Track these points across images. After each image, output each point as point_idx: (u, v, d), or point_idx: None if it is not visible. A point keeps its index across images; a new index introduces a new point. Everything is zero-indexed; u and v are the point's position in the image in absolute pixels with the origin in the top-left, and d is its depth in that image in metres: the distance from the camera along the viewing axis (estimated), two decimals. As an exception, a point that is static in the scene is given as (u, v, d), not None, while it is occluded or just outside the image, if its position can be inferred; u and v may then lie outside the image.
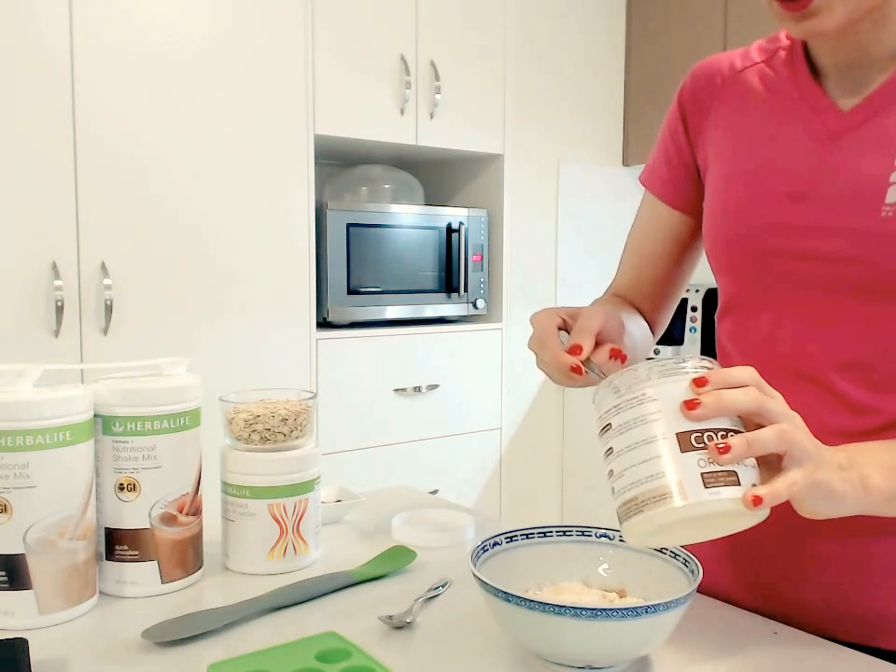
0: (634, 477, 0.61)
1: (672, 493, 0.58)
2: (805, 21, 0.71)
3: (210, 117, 2.10)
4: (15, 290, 1.88)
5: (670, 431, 0.60)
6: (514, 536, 0.80)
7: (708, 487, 0.58)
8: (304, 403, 0.96)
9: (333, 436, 2.36)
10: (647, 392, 0.61)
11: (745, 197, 0.82)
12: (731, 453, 0.58)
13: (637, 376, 0.62)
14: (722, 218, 0.84)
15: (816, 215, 0.76)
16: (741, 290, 0.85)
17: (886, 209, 0.72)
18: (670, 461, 0.59)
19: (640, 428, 0.61)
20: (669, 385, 0.61)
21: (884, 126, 0.74)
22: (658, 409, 0.60)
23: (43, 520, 0.77)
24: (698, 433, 0.59)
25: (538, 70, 3.02)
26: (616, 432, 0.62)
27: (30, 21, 1.85)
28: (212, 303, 2.14)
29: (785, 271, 0.79)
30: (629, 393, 0.62)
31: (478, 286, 2.67)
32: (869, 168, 0.74)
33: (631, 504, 0.61)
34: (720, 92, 0.88)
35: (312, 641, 0.73)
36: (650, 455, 0.60)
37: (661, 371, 0.61)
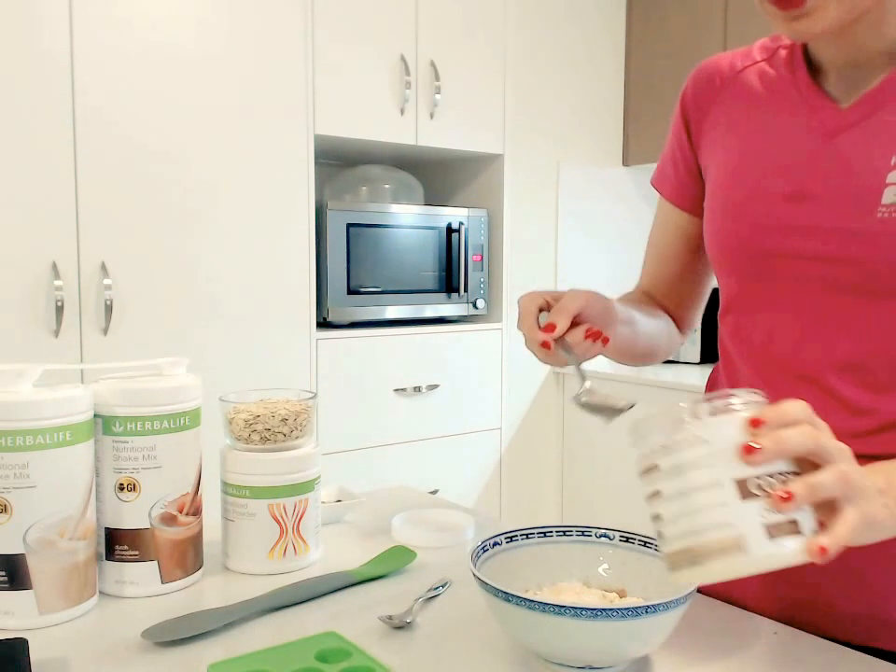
0: (689, 526, 0.58)
1: (736, 547, 0.56)
2: (797, 22, 0.70)
3: (210, 116, 2.10)
4: (15, 290, 1.88)
5: (727, 477, 0.57)
6: (514, 536, 0.80)
7: (773, 539, 0.56)
8: (304, 403, 0.96)
9: (333, 436, 2.36)
10: (700, 434, 0.58)
11: (743, 196, 0.82)
12: (794, 502, 0.56)
13: (684, 414, 0.59)
14: (721, 218, 0.85)
15: (813, 215, 0.77)
16: (741, 290, 0.85)
17: (882, 210, 0.72)
18: (731, 511, 0.56)
19: (694, 473, 0.58)
20: (722, 426, 0.58)
21: (882, 124, 0.74)
22: (712, 452, 0.57)
23: (43, 520, 0.77)
24: (757, 479, 0.56)
25: (538, 70, 3.02)
26: (665, 475, 0.59)
27: (30, 22, 1.85)
28: (212, 303, 2.14)
29: (783, 271, 0.79)
30: (678, 433, 0.59)
31: (478, 286, 2.67)
32: (866, 168, 0.74)
33: (687, 553, 0.58)
34: (719, 92, 0.88)
35: (312, 641, 0.73)
36: (707, 503, 0.57)
37: (710, 409, 0.58)
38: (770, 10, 0.71)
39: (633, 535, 0.79)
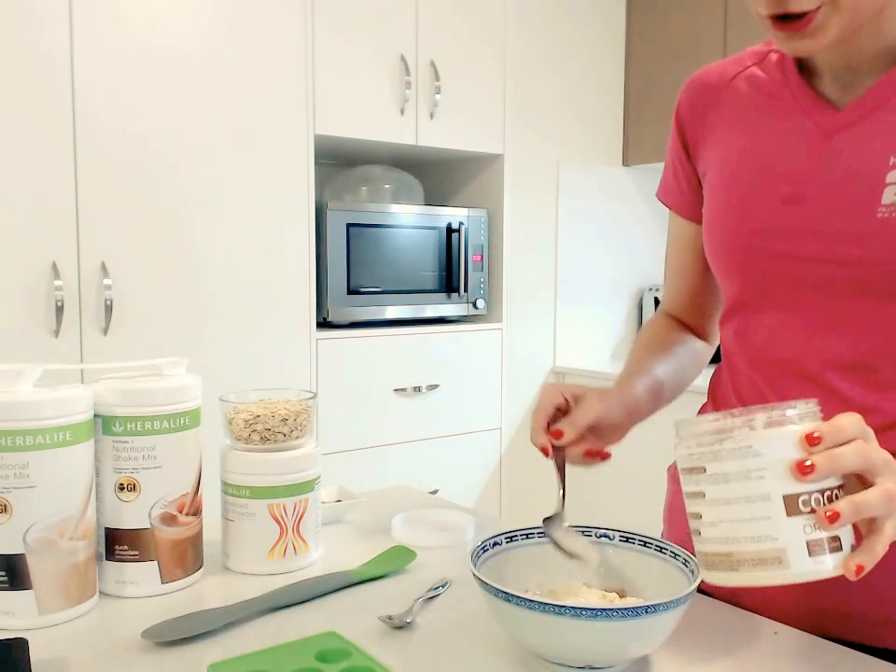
0: (732, 533, 0.59)
1: (776, 560, 0.57)
2: (798, 42, 0.71)
3: (210, 116, 2.10)
4: (15, 290, 1.88)
5: (776, 492, 0.57)
6: (514, 536, 0.80)
7: (813, 556, 0.57)
8: (304, 403, 0.96)
9: (333, 436, 2.36)
10: (752, 444, 0.58)
11: (741, 201, 0.82)
12: (840, 521, 0.57)
13: (742, 422, 0.59)
14: (720, 223, 0.85)
15: (812, 217, 0.77)
16: (741, 294, 0.85)
17: (882, 210, 0.72)
18: (775, 525, 0.57)
19: (742, 484, 0.58)
20: (777, 440, 0.58)
21: (879, 124, 0.74)
22: (764, 465, 0.58)
23: (43, 520, 0.77)
24: (805, 496, 0.57)
25: (538, 70, 3.02)
26: (712, 479, 0.60)
27: (30, 22, 1.85)
28: (212, 303, 2.14)
29: (783, 273, 0.79)
30: (732, 441, 0.59)
31: (478, 286, 2.67)
32: (864, 167, 0.74)
33: (724, 559, 0.59)
34: (713, 101, 0.89)
35: (312, 641, 0.73)
36: (752, 514, 0.58)
37: (767, 420, 0.58)
38: (771, 27, 0.72)
39: (633, 535, 0.79)
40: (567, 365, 3.10)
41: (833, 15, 0.69)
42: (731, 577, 0.59)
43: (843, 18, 0.69)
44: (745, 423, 0.59)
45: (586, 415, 0.79)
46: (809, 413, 0.60)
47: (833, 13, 0.69)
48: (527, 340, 3.06)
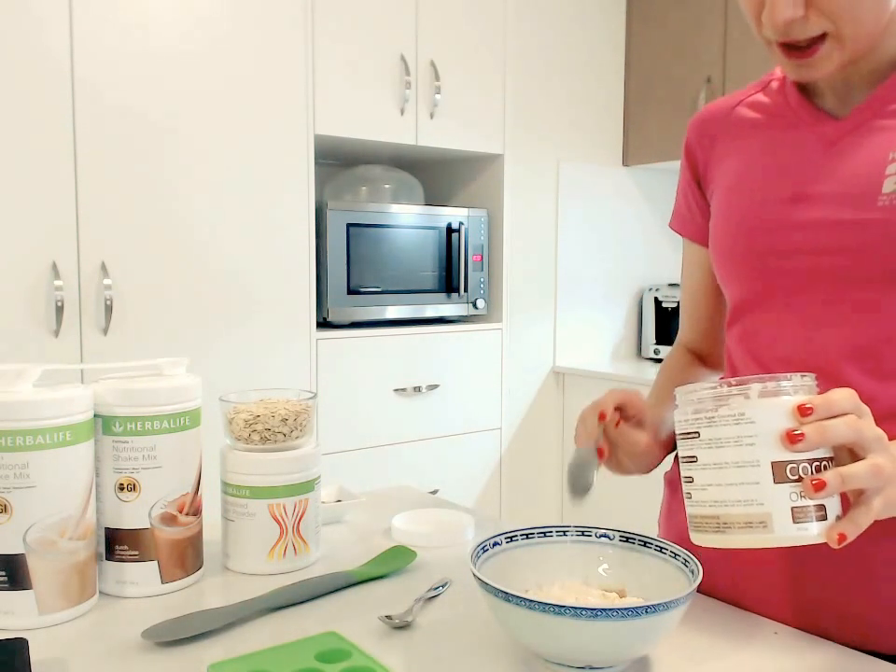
0: (720, 496, 0.61)
1: (760, 524, 0.59)
2: (803, 69, 0.76)
3: (210, 116, 2.10)
4: (15, 290, 1.88)
5: (766, 459, 0.59)
6: (514, 536, 0.80)
7: (797, 522, 0.59)
8: (304, 403, 0.96)
9: (333, 436, 2.36)
10: (745, 412, 0.60)
11: (747, 204, 0.85)
12: (825, 490, 0.58)
13: (738, 390, 0.61)
14: (725, 225, 0.87)
15: (815, 211, 0.79)
16: (747, 295, 0.86)
17: (882, 198, 0.74)
18: (762, 491, 0.59)
19: (734, 450, 0.60)
20: (770, 409, 0.60)
21: (879, 127, 0.77)
22: (755, 433, 0.59)
23: (43, 520, 0.77)
24: (794, 464, 0.59)
25: (537, 70, 3.02)
26: (704, 444, 0.62)
27: (30, 21, 1.85)
28: (212, 303, 2.14)
29: (788, 267, 0.81)
30: (727, 408, 0.61)
31: (478, 286, 2.67)
32: (865, 162, 0.77)
33: (712, 521, 0.61)
34: (718, 130, 0.92)
35: (312, 641, 0.73)
36: (741, 479, 0.60)
37: (761, 389, 0.60)
38: (778, 54, 0.76)
39: (633, 535, 0.79)
40: (567, 365, 3.10)
41: (836, 47, 0.74)
42: (717, 538, 0.61)
43: (846, 50, 0.74)
44: (740, 391, 0.61)
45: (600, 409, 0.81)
46: (805, 387, 0.62)
47: (837, 47, 0.74)
48: (527, 340, 3.06)
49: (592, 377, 2.98)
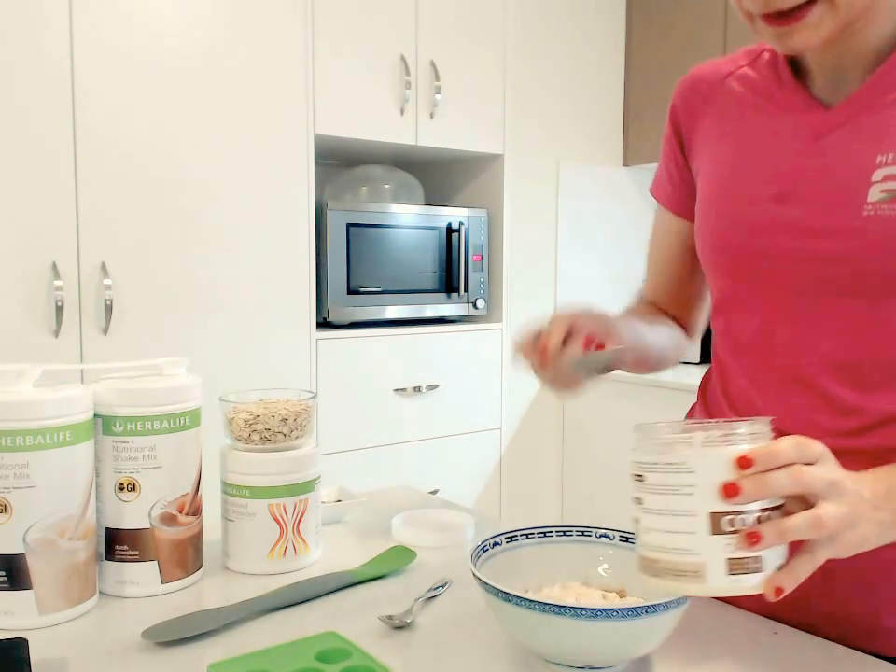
0: (660, 541, 0.61)
1: (695, 574, 0.59)
2: (789, 38, 0.71)
3: (210, 116, 2.10)
4: (15, 290, 1.88)
5: (704, 509, 0.58)
6: (514, 536, 0.80)
7: (732, 574, 0.58)
8: (304, 403, 0.96)
9: (333, 436, 2.36)
10: (686, 461, 0.59)
11: (731, 198, 0.83)
12: (760, 545, 0.57)
13: (681, 438, 0.60)
14: (710, 219, 0.85)
15: (799, 214, 0.77)
16: (731, 291, 0.85)
17: (868, 208, 0.72)
18: (697, 541, 0.58)
19: (674, 497, 0.60)
20: (712, 459, 0.58)
21: (868, 123, 0.75)
22: (695, 482, 0.59)
23: (43, 520, 0.77)
24: (732, 515, 0.58)
25: (538, 70, 3.02)
26: (649, 489, 0.61)
27: (30, 22, 1.85)
28: (212, 303, 2.14)
29: (770, 271, 0.79)
30: (670, 454, 0.60)
31: (478, 286, 2.67)
32: (852, 166, 0.74)
33: (653, 564, 0.62)
34: (706, 99, 0.89)
35: (312, 641, 0.73)
36: (679, 528, 0.59)
37: (705, 438, 0.59)
38: (761, 28, 0.72)
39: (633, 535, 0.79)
40: (566, 365, 3.10)
41: (829, 12, 0.69)
42: (656, 582, 0.62)
43: (838, 15, 0.69)
44: (684, 439, 0.60)
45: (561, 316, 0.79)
46: (755, 434, 0.60)
47: (829, 9, 0.69)
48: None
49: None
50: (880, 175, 0.72)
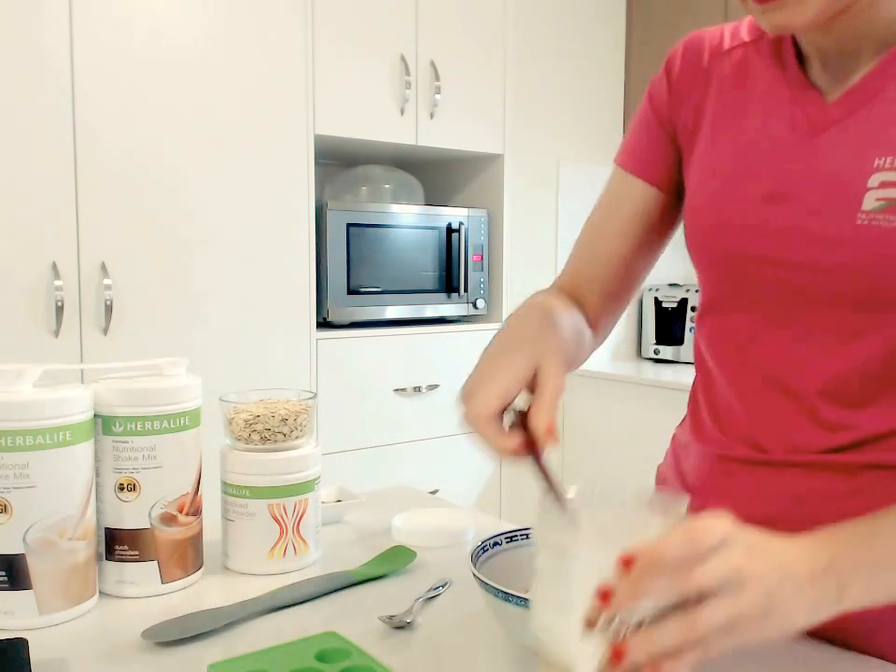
0: (541, 622, 0.57)
1: (565, 667, 0.55)
2: (776, 14, 0.67)
3: (210, 117, 2.10)
4: (15, 290, 1.88)
5: (580, 606, 0.53)
6: (514, 536, 0.80)
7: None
8: (304, 403, 0.96)
9: (333, 436, 2.36)
10: (573, 549, 0.54)
11: (722, 194, 0.79)
12: (626, 657, 0.51)
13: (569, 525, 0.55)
14: (701, 215, 0.82)
15: (790, 218, 0.74)
16: (718, 293, 0.83)
17: (861, 216, 0.69)
18: (569, 639, 0.54)
19: (556, 585, 0.56)
20: (598, 552, 0.53)
21: (866, 122, 0.71)
22: (576, 575, 0.54)
23: (43, 520, 0.77)
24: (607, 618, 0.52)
25: (538, 70, 3.02)
26: (538, 569, 0.58)
27: (30, 22, 1.85)
28: (212, 303, 2.14)
29: (761, 276, 0.76)
30: (561, 538, 0.55)
31: (478, 286, 2.67)
32: (848, 170, 0.71)
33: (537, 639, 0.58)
34: (705, 72, 0.85)
35: (312, 641, 0.73)
36: (555, 619, 0.55)
37: (599, 528, 0.54)
38: (751, 6, 0.69)
39: (633, 535, 0.79)
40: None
41: None
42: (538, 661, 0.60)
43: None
44: (573, 526, 0.55)
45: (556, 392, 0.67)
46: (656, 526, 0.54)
47: None
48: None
49: (592, 377, 2.97)
50: (876, 181, 0.68)
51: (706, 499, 0.82)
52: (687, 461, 0.89)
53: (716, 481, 0.83)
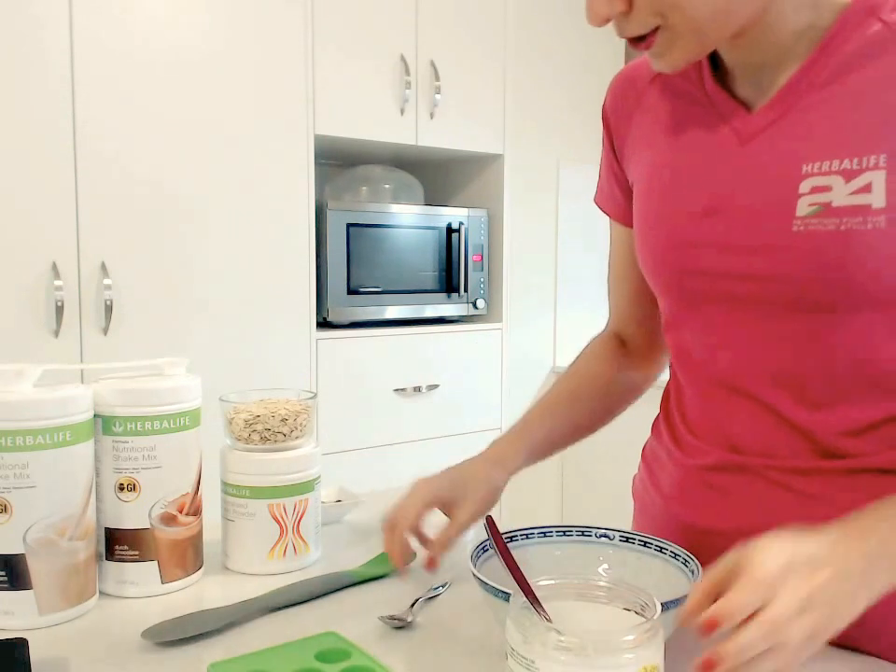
0: None
1: None
2: (653, 60, 0.71)
3: (210, 117, 2.10)
4: (15, 290, 1.88)
5: None
6: (514, 536, 0.80)
7: None
8: (304, 403, 0.96)
9: (333, 436, 2.36)
10: (535, 661, 0.52)
11: (660, 212, 0.80)
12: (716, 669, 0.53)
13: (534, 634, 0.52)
14: (643, 234, 0.83)
15: (727, 231, 0.74)
16: (672, 308, 0.84)
17: (797, 223, 0.69)
18: None
19: None
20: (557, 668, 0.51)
21: (790, 129, 0.71)
22: None
23: (43, 520, 0.77)
24: None
25: (538, 70, 3.02)
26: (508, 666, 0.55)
27: (30, 23, 1.85)
28: (212, 303, 2.14)
29: (704, 289, 0.77)
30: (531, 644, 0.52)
31: (478, 286, 2.67)
32: (778, 177, 0.71)
33: None
34: (636, 102, 0.87)
35: (312, 641, 0.73)
36: None
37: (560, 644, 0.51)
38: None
39: (632, 535, 0.79)
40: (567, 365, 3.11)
41: (674, 39, 0.68)
42: None
43: (686, 40, 0.68)
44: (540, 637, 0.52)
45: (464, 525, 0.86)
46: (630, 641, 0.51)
47: (674, 37, 0.68)
48: (527, 340, 3.05)
49: (592, 377, 2.97)
50: (807, 187, 0.69)
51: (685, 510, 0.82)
52: (663, 472, 0.89)
53: (694, 492, 0.83)
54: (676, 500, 0.85)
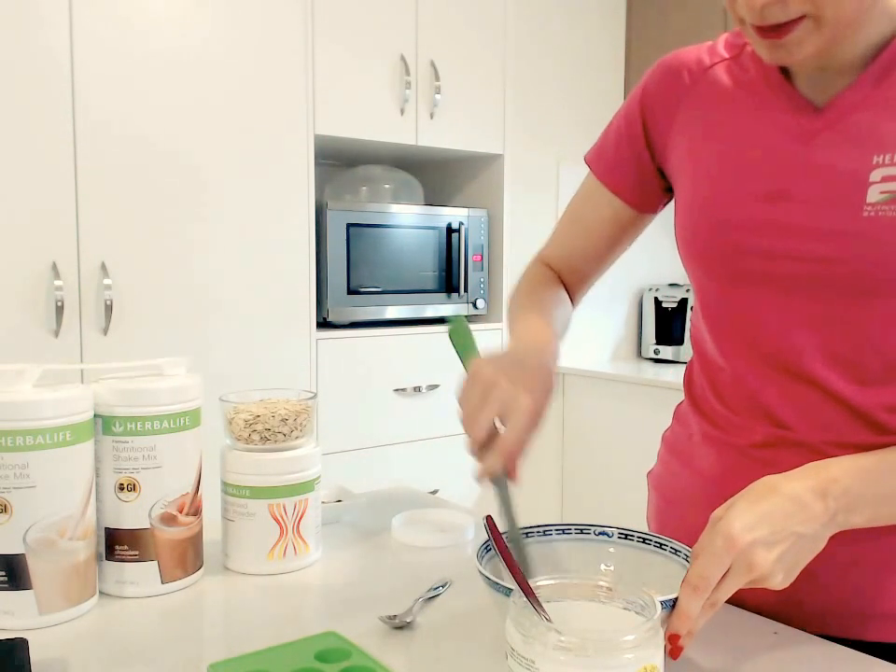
0: None
1: None
2: (776, 51, 0.72)
3: (210, 117, 2.10)
4: (15, 290, 1.88)
5: None
6: (514, 535, 0.80)
7: None
8: (304, 403, 0.96)
9: (333, 436, 2.36)
10: (536, 661, 0.52)
11: (721, 193, 0.81)
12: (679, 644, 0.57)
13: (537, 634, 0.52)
14: (697, 218, 0.84)
15: (797, 214, 0.76)
16: (717, 289, 0.84)
17: (868, 209, 0.72)
18: None
19: None
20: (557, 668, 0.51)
21: (859, 123, 0.74)
22: None
23: (43, 520, 0.77)
24: None
25: (538, 70, 3.02)
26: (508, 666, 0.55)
27: (30, 21, 1.85)
28: (212, 303, 2.14)
29: (759, 270, 0.79)
30: (531, 644, 0.52)
31: (478, 286, 2.67)
32: (848, 167, 0.74)
33: None
34: (687, 90, 0.86)
35: (312, 641, 0.73)
36: None
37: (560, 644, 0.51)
38: (752, 35, 0.72)
39: (631, 532, 0.79)
40: (566, 365, 3.10)
41: (814, 31, 0.69)
42: None
43: (823, 35, 0.69)
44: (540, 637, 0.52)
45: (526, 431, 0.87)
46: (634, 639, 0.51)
47: (815, 29, 0.69)
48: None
49: (592, 377, 2.97)
50: (878, 176, 0.72)
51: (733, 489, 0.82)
52: (699, 454, 0.89)
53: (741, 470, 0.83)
54: (720, 480, 0.85)
